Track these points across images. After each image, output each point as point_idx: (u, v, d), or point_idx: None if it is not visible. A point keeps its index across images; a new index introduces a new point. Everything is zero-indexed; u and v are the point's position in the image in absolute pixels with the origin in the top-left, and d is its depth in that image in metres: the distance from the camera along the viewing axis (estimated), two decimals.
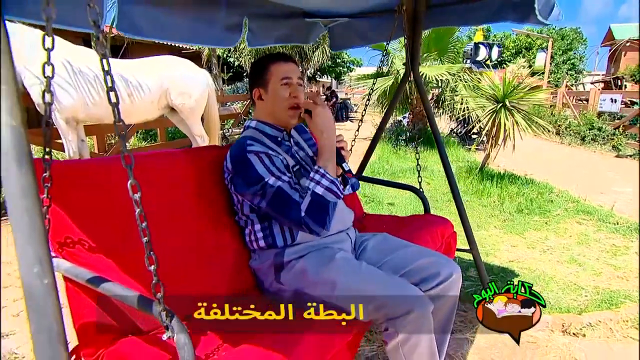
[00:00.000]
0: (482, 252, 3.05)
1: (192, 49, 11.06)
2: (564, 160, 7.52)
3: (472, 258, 2.32)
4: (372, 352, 1.86)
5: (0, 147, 0.60)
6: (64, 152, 3.89)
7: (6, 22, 0.69)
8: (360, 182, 2.48)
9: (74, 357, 1.07)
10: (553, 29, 29.95)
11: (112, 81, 0.77)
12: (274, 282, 1.38)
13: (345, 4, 2.21)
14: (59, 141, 3.92)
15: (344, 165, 1.40)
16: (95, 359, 1.08)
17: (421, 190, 2.11)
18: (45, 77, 0.88)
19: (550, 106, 12.68)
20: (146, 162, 1.39)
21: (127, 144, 0.83)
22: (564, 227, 3.62)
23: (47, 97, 0.89)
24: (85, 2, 0.82)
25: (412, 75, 2.13)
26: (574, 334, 2.05)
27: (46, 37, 0.84)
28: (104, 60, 0.77)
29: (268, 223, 1.38)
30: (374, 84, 2.33)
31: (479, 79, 4.99)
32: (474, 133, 7.95)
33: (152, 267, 0.83)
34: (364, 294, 1.20)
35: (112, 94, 0.76)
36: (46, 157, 0.99)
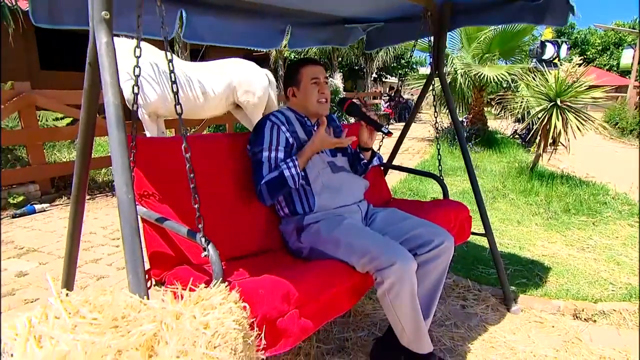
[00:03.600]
0: (515, 245, 3.15)
1: (262, 51, 11.82)
2: (637, 163, 6.98)
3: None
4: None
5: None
6: None
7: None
8: (395, 171, 2.75)
9: (147, 276, 1.50)
10: None
11: (175, 77, 1.17)
12: (296, 242, 1.72)
13: (382, 11, 2.48)
14: (143, 133, 4.65)
15: (383, 129, 1.75)
16: (160, 279, 1.51)
17: (441, 177, 2.33)
18: (135, 76, 1.30)
19: (636, 108, 11.65)
20: (199, 143, 1.79)
21: None
22: (612, 228, 3.53)
23: (135, 89, 1.32)
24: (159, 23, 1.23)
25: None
26: (584, 319, 2.12)
27: (136, 49, 1.26)
28: (170, 64, 1.17)
29: (288, 194, 1.72)
30: (401, 83, 2.55)
31: (534, 77, 4.89)
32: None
33: (196, 205, 1.20)
34: (361, 249, 1.49)
35: (174, 86, 1.16)
36: (133, 132, 1.43)
